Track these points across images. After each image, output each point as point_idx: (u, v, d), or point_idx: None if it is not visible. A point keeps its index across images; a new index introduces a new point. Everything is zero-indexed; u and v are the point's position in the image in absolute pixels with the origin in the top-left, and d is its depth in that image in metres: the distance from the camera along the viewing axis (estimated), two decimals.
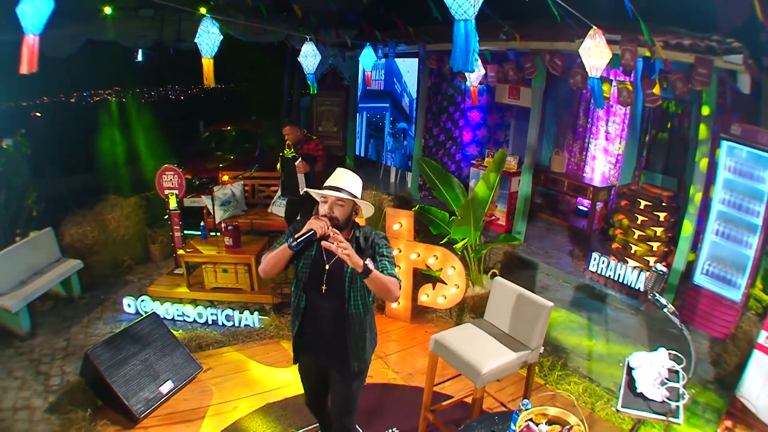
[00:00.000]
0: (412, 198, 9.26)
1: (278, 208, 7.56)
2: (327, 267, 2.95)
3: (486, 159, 9.14)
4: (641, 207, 6.50)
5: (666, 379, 2.91)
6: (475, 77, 7.00)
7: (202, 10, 7.46)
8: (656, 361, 3.01)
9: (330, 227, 2.72)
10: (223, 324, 5.51)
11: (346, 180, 2.94)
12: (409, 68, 9.92)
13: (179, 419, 4.11)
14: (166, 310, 5.48)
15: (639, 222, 6.54)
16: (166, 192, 6.19)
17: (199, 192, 7.18)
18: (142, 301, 5.57)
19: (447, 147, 10.14)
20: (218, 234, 6.73)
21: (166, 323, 4.76)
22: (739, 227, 5.15)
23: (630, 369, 3.07)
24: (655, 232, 6.40)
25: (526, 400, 2.76)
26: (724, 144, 4.99)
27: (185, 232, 6.54)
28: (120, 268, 6.66)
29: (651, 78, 5.56)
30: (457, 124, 10.07)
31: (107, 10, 6.80)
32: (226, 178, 7.56)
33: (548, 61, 6.72)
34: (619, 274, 6.49)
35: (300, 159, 6.34)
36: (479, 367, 3.43)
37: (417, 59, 9.45)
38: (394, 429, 4.17)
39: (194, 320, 5.52)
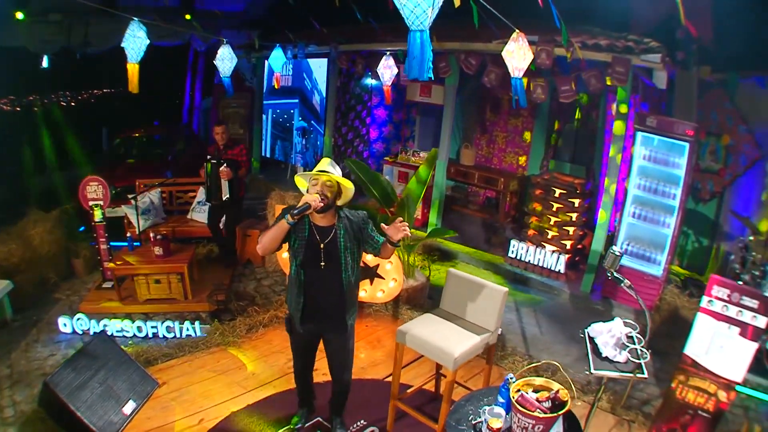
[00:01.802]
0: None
1: (198, 214, 7.37)
2: (322, 246, 3.37)
3: (400, 155, 9.42)
4: (556, 195, 7.02)
5: (625, 343, 3.25)
6: (388, 77, 7.20)
7: (113, 12, 7.12)
8: (614, 328, 3.35)
9: (321, 200, 3.23)
10: (164, 336, 5.29)
11: (330, 167, 3.41)
12: (320, 64, 9.97)
13: None
14: (104, 327, 5.19)
15: (555, 209, 7.06)
16: (91, 203, 5.83)
17: (117, 201, 6.83)
18: (78, 319, 5.21)
19: (355, 145, 10.35)
20: (137, 244, 6.43)
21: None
22: (656, 209, 5.74)
23: (591, 338, 3.39)
24: (571, 217, 6.94)
25: (511, 374, 2.97)
26: (639, 135, 5.54)
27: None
28: (47, 286, 6.18)
29: (565, 75, 6.04)
30: (364, 122, 10.31)
31: (19, 15, 6.33)
32: (142, 186, 7.23)
33: (462, 61, 7.07)
34: (539, 259, 6.98)
35: (225, 165, 6.28)
36: (452, 351, 3.62)
37: (326, 59, 9.52)
38: (362, 421, 4.25)
39: (134, 335, 5.27)
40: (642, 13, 5.78)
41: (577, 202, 6.88)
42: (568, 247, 7.01)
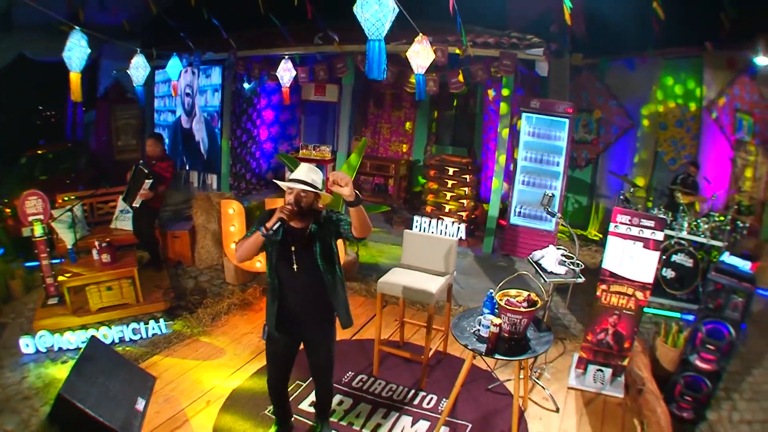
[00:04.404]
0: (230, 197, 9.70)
1: (122, 222, 7.46)
2: (293, 248, 3.32)
3: (302, 151, 10.09)
4: (450, 173, 8.19)
5: (562, 260, 4.39)
6: (288, 79, 7.89)
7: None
8: (551, 252, 4.48)
9: (293, 213, 3.18)
10: (131, 339, 5.42)
11: (309, 174, 3.27)
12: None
13: (170, 429, 4.11)
14: (69, 341, 5.18)
15: (449, 186, 8.22)
16: (30, 219, 5.76)
17: None
18: (42, 336, 5.14)
19: (248, 146, 10.81)
20: (62, 260, 6.47)
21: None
22: (543, 176, 7.06)
23: (536, 262, 4.48)
24: (465, 191, 8.15)
25: (491, 290, 3.92)
26: (524, 115, 6.82)
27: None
28: None
29: (454, 69, 7.16)
30: (255, 123, 10.81)
31: None
32: (61, 200, 7.17)
33: (360, 61, 7.94)
34: (441, 230, 8.08)
35: (151, 183, 6.44)
36: (430, 290, 4.48)
37: (221, 66, 9.81)
38: (350, 372, 4.90)
39: None
40: (518, 11, 7.05)
41: (468, 177, 8.11)
42: (464, 217, 8.21)
